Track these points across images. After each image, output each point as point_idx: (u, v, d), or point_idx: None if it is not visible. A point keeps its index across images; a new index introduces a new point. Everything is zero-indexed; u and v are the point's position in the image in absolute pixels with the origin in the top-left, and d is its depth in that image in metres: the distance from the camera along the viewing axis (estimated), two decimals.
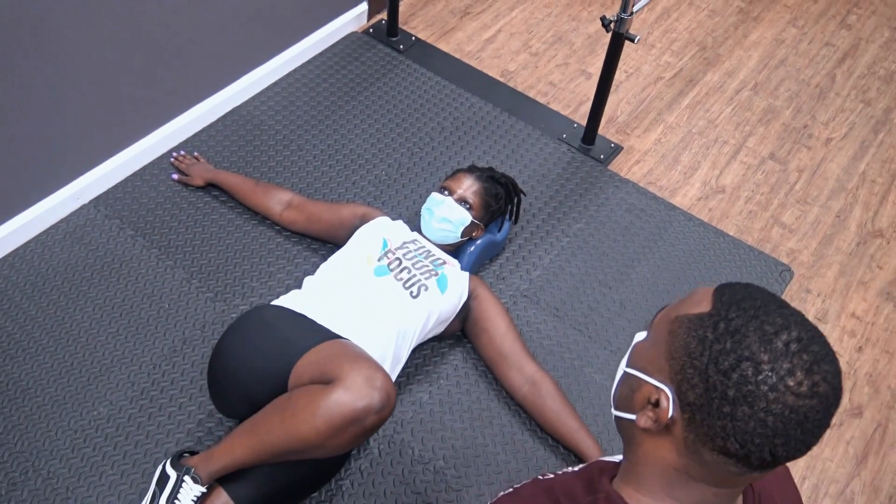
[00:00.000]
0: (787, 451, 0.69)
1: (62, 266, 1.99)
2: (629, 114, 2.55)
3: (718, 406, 0.69)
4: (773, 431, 0.68)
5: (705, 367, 0.70)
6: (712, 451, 0.71)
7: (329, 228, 1.97)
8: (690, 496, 0.76)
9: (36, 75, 1.82)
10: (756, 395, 0.67)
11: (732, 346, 0.69)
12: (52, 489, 1.60)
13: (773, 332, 0.69)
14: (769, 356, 0.68)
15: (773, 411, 0.67)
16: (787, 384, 0.67)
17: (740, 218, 2.27)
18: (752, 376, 0.68)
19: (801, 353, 0.68)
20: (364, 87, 2.53)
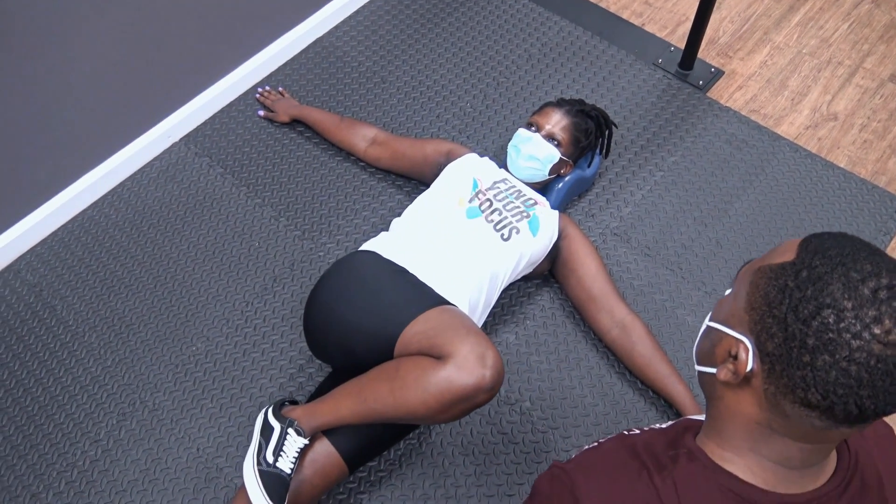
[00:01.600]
0: (875, 403, 0.65)
1: (157, 204, 2.05)
2: (732, 34, 2.37)
3: (798, 355, 0.66)
4: (857, 382, 0.64)
5: (784, 315, 0.67)
6: (793, 403, 0.68)
7: (414, 165, 1.94)
8: (773, 450, 0.74)
9: (123, 19, 1.83)
10: (838, 343, 0.64)
11: (813, 294, 0.66)
12: (158, 420, 1.69)
13: (860, 279, 0.65)
14: (853, 303, 0.64)
15: (856, 360, 0.63)
16: (874, 332, 0.63)
17: (853, 148, 2.10)
18: (833, 324, 0.64)
19: (891, 300, 0.64)
20: (448, 12, 2.44)
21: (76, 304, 1.87)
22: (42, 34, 1.70)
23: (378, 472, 1.61)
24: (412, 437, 1.64)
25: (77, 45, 1.78)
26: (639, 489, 0.75)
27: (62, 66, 1.78)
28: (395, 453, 1.63)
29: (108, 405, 1.72)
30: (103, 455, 1.65)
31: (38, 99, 1.78)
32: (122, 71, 1.92)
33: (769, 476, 0.74)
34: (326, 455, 1.41)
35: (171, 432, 1.68)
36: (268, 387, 1.73)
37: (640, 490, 0.75)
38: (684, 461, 0.77)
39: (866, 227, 1.93)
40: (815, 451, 0.73)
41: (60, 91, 1.81)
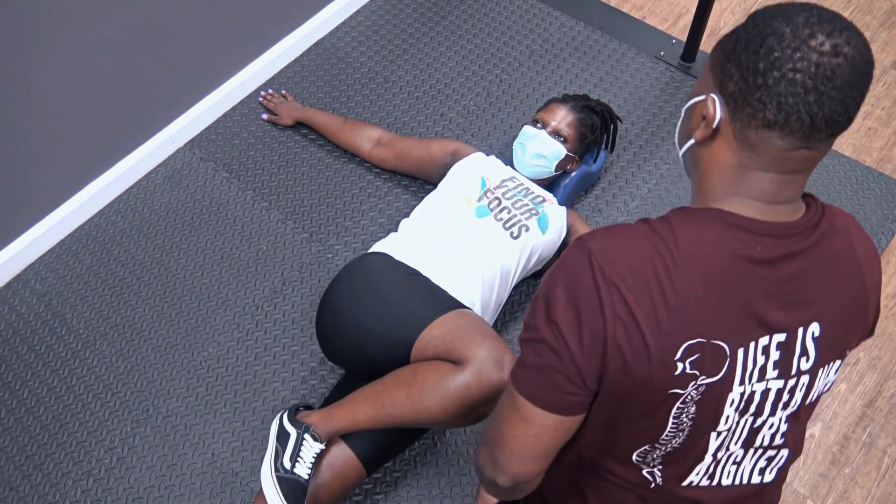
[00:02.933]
0: (821, 108, 0.74)
1: (164, 210, 2.05)
2: (734, 24, 2.36)
3: (752, 81, 0.76)
4: (803, 87, 0.74)
5: (738, 55, 0.78)
6: (757, 129, 0.78)
7: (419, 165, 1.94)
8: (752, 187, 0.82)
9: (125, 26, 1.83)
10: (782, 58, 0.74)
11: (758, 31, 0.77)
12: (171, 426, 1.70)
13: (795, 12, 0.76)
14: (791, 27, 0.75)
15: (798, 69, 0.74)
16: (810, 44, 0.74)
17: (857, 136, 2.10)
18: (776, 45, 0.75)
19: (821, 22, 0.74)
20: (448, 10, 2.44)
21: (86, 312, 1.87)
22: (45, 44, 1.70)
23: (394, 472, 1.61)
24: (427, 437, 1.64)
25: (79, 55, 1.78)
26: (638, 229, 0.85)
27: (65, 76, 1.78)
28: (410, 453, 1.63)
29: (121, 413, 1.72)
30: (118, 463, 1.66)
31: (42, 109, 1.78)
32: (125, 78, 1.91)
33: (752, 210, 0.82)
34: (344, 458, 1.41)
35: (185, 438, 1.68)
36: (280, 390, 1.73)
37: (639, 229, 0.84)
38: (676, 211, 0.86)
39: (873, 214, 1.93)
40: (786, 183, 0.81)
41: (64, 100, 1.81)
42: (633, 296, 0.80)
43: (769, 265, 0.82)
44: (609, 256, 0.81)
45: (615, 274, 0.80)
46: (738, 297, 0.82)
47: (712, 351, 0.82)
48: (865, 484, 1.58)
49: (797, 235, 0.83)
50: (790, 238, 0.83)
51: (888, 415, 1.66)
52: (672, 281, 0.80)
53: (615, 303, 0.80)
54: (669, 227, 0.83)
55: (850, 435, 1.64)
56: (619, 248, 0.82)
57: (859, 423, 1.65)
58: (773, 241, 0.82)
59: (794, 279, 0.83)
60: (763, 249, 0.82)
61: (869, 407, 1.67)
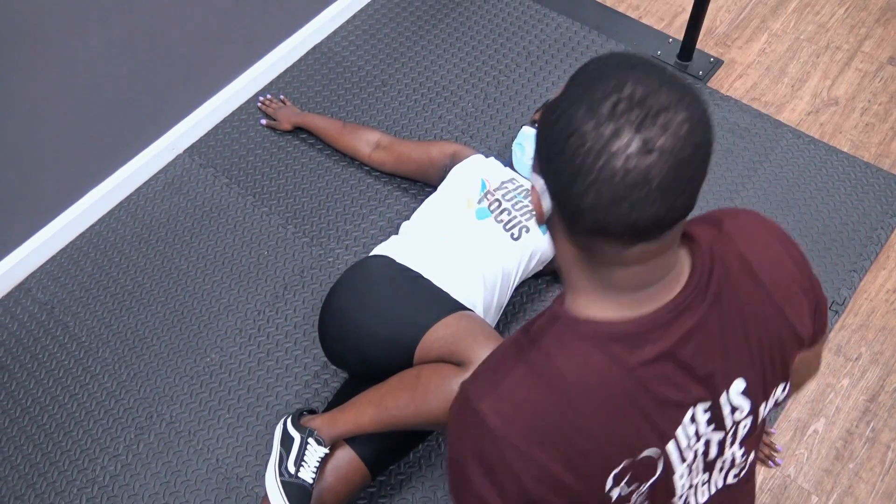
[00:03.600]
0: (641, 214, 0.64)
1: (164, 216, 2.05)
2: (729, 23, 2.37)
3: (562, 188, 0.66)
4: (614, 199, 0.63)
5: (547, 153, 0.68)
6: (579, 233, 0.69)
7: (419, 168, 1.94)
8: (608, 280, 0.73)
9: (123, 33, 1.83)
10: (584, 168, 0.64)
11: (563, 125, 0.65)
12: (175, 432, 1.70)
13: (602, 96, 0.64)
14: (593, 123, 0.63)
15: (604, 179, 0.63)
16: (612, 149, 0.62)
17: (855, 132, 2.11)
18: (578, 149, 0.64)
19: (629, 111, 0.63)
20: (445, 13, 2.44)
21: (88, 319, 1.88)
22: (43, 53, 1.70)
23: (398, 474, 1.61)
24: (431, 439, 1.64)
25: (77, 63, 1.78)
26: (518, 371, 0.76)
27: (64, 84, 1.78)
28: (415, 455, 1.63)
29: (125, 420, 1.72)
30: (123, 470, 1.66)
31: (42, 118, 1.78)
32: (124, 85, 1.92)
33: (622, 306, 0.73)
34: (349, 462, 1.41)
35: (189, 444, 1.68)
36: (284, 395, 1.73)
37: (520, 371, 0.76)
38: (548, 327, 0.77)
39: (872, 209, 1.93)
40: (645, 271, 0.71)
41: (63, 109, 1.81)
42: (544, 452, 0.74)
43: (667, 357, 0.74)
44: (504, 417, 0.74)
45: (518, 436, 0.74)
46: (647, 403, 0.75)
47: (642, 462, 0.78)
48: (870, 479, 1.58)
49: (686, 312, 0.74)
50: (679, 318, 0.74)
51: (891, 409, 1.66)
52: (575, 423, 0.74)
53: (529, 467, 0.74)
54: (550, 361, 0.75)
55: (853, 430, 1.64)
56: (510, 405, 0.75)
57: (862, 419, 1.65)
58: (661, 332, 0.74)
59: (698, 354, 0.76)
60: (653, 347, 0.74)
61: (872, 402, 1.67)
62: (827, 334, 0.92)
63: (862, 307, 1.80)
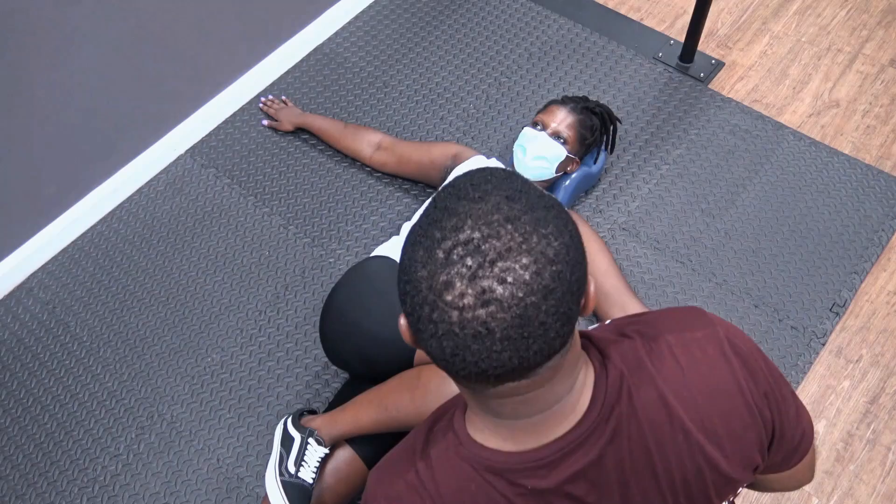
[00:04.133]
0: (491, 363, 0.60)
1: (166, 217, 2.05)
2: (731, 25, 2.37)
3: (414, 332, 0.63)
4: (454, 350, 0.60)
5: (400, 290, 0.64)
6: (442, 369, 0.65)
7: (420, 169, 1.94)
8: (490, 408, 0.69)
9: (124, 33, 1.83)
10: (422, 317, 0.60)
11: (404, 267, 0.62)
12: (176, 432, 1.70)
13: (440, 238, 0.59)
14: (428, 271, 0.59)
15: (442, 332, 0.59)
16: (445, 300, 0.58)
17: (857, 134, 2.11)
18: (414, 297, 0.60)
19: (464, 258, 0.58)
20: (447, 14, 2.45)
21: (89, 319, 1.88)
22: (44, 53, 1.70)
23: None
24: None
25: (80, 64, 1.78)
26: (408, 478, 0.75)
27: (65, 85, 1.79)
28: None
29: (126, 420, 1.73)
30: (124, 469, 1.66)
31: (44, 118, 1.79)
32: (126, 86, 1.92)
33: (508, 434, 0.70)
34: (349, 462, 1.41)
35: (190, 444, 1.68)
36: (285, 395, 1.73)
37: (409, 478, 0.75)
38: (440, 438, 0.75)
39: (873, 212, 1.93)
40: (526, 402, 0.66)
41: (66, 109, 1.82)
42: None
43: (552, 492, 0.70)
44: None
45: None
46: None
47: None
48: (870, 480, 1.58)
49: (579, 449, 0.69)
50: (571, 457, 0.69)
51: (892, 411, 1.66)
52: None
53: None
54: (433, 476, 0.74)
55: (854, 432, 1.64)
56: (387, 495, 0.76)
57: (863, 420, 1.65)
58: (546, 470, 0.69)
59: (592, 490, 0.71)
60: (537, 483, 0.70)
61: (872, 404, 1.67)
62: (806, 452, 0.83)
63: (863, 309, 1.80)
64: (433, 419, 0.80)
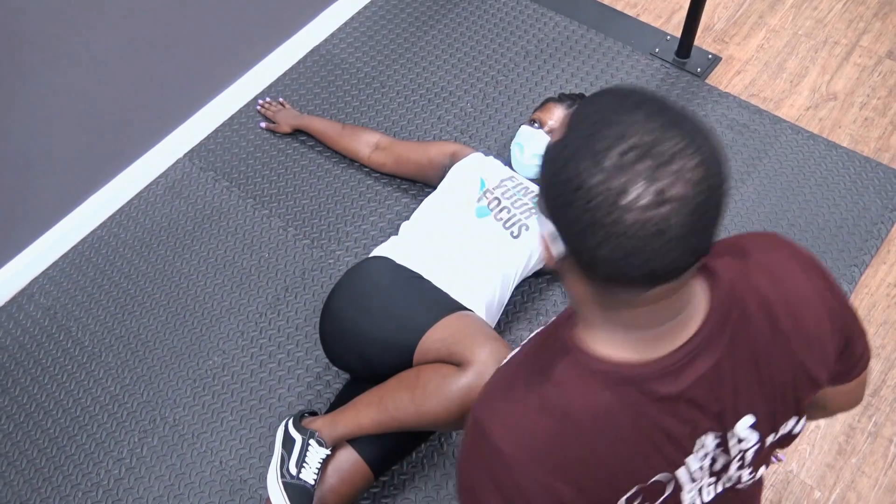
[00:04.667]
0: (659, 262, 0.63)
1: (165, 221, 2.06)
2: (727, 20, 2.37)
3: (574, 239, 0.65)
4: (627, 252, 0.62)
5: (552, 203, 0.66)
6: (598, 279, 0.67)
7: (418, 168, 1.94)
8: (622, 319, 0.72)
9: (121, 38, 1.84)
10: (596, 224, 0.62)
11: (566, 178, 0.63)
12: (179, 435, 1.70)
13: (606, 147, 0.61)
14: (600, 178, 0.61)
15: (617, 233, 0.61)
16: (622, 203, 0.60)
17: (855, 126, 2.10)
18: (586, 205, 0.62)
19: (638, 161, 0.60)
20: (443, 14, 2.45)
21: (91, 324, 1.88)
22: (42, 59, 1.71)
23: (401, 474, 1.61)
24: (434, 439, 1.65)
25: (77, 69, 1.79)
26: (530, 402, 0.75)
27: (63, 91, 1.79)
28: (417, 455, 1.63)
29: (128, 423, 1.73)
30: (127, 473, 1.66)
31: (42, 124, 1.79)
32: (123, 90, 1.93)
33: (637, 346, 0.73)
34: (351, 463, 1.42)
35: (192, 447, 1.69)
36: (286, 396, 1.73)
37: (532, 402, 0.75)
38: (560, 359, 0.76)
39: (872, 204, 1.93)
40: (660, 311, 0.70)
41: (63, 115, 1.82)
42: (558, 479, 0.74)
43: (678, 398, 0.74)
44: (518, 445, 0.74)
45: (531, 463, 0.74)
46: (658, 438, 0.75)
47: (652, 487, 0.78)
48: (872, 473, 1.58)
49: (700, 357, 0.73)
50: (694, 362, 0.73)
51: (893, 403, 1.66)
52: (586, 455, 0.74)
53: (544, 493, 0.74)
54: (562, 395, 0.74)
55: (855, 425, 1.64)
56: (523, 434, 0.75)
57: (864, 413, 1.65)
58: (672, 379, 0.73)
59: (710, 394, 0.75)
60: (666, 389, 0.73)
61: (874, 396, 1.67)
62: (865, 367, 0.90)
63: (863, 302, 1.80)
64: (531, 351, 0.81)
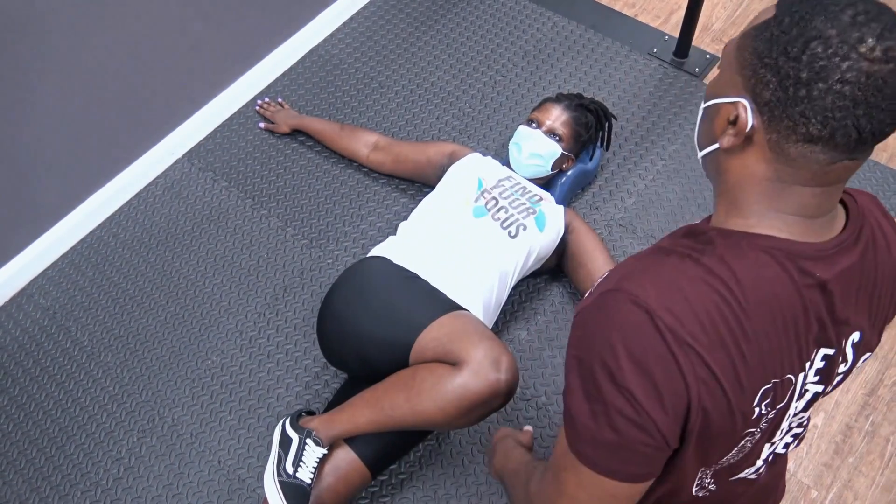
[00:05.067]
0: (870, 121, 0.69)
1: (164, 221, 2.06)
2: (725, 19, 2.37)
3: (794, 92, 0.70)
4: (852, 101, 0.68)
5: (776, 59, 0.71)
6: (797, 143, 0.72)
7: (417, 168, 1.95)
8: (790, 203, 0.77)
9: (120, 39, 1.84)
10: (829, 68, 0.68)
11: (799, 32, 0.69)
12: (177, 435, 1.71)
13: (839, 9, 0.69)
14: (837, 30, 0.68)
15: (847, 80, 0.67)
16: (859, 51, 0.67)
17: None
18: (822, 52, 0.68)
19: (869, 22, 0.67)
20: (441, 14, 2.45)
21: (90, 324, 1.89)
22: (42, 60, 1.71)
23: (399, 474, 1.62)
24: (431, 438, 1.65)
25: (76, 70, 1.79)
26: (690, 271, 0.76)
27: (62, 91, 1.79)
28: (415, 455, 1.64)
29: (127, 423, 1.74)
30: (126, 473, 1.67)
31: (41, 125, 1.80)
32: (122, 91, 1.93)
33: (796, 230, 0.78)
34: (348, 462, 1.42)
35: (191, 446, 1.69)
36: (285, 396, 1.74)
37: (692, 271, 0.76)
38: (720, 240, 0.79)
39: None
40: (826, 195, 0.76)
41: (62, 115, 1.83)
42: (711, 355, 0.74)
43: (823, 289, 0.78)
44: (675, 314, 0.74)
45: (688, 334, 0.74)
46: (801, 329, 0.79)
47: (782, 385, 0.81)
48: (869, 472, 1.58)
49: (846, 252, 0.79)
50: (841, 256, 0.79)
51: (890, 403, 1.66)
52: (744, 331, 0.75)
53: (695, 366, 0.74)
54: (727, 266, 0.76)
55: (852, 424, 1.64)
56: (682, 303, 0.75)
57: (861, 413, 1.65)
58: (825, 264, 0.78)
59: (844, 296, 0.80)
60: (819, 272, 0.78)
61: (871, 396, 1.67)
62: None
63: None
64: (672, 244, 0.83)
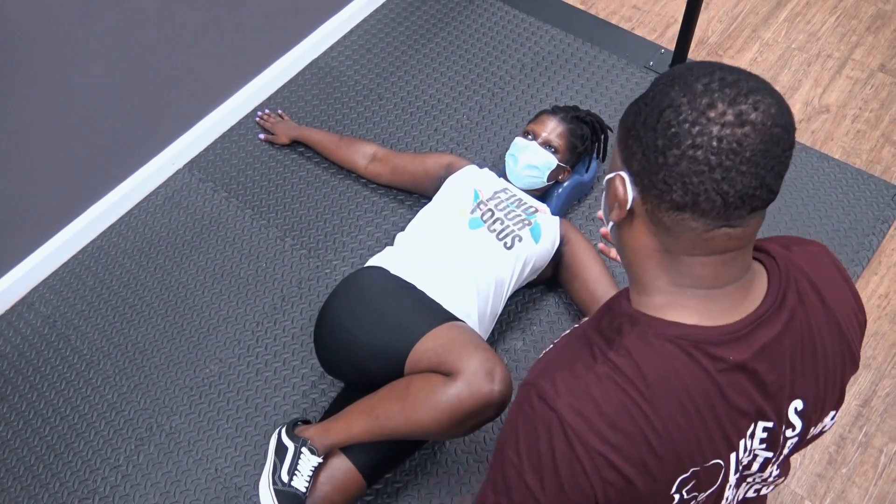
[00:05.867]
0: (732, 185, 0.68)
1: (164, 230, 2.08)
2: (721, 33, 2.40)
3: (654, 160, 0.71)
4: (706, 165, 0.68)
5: (638, 130, 0.73)
6: (668, 211, 0.72)
7: (414, 180, 1.97)
8: (684, 274, 0.76)
9: (122, 50, 1.87)
10: (680, 134, 0.69)
11: (656, 103, 0.71)
12: (175, 443, 1.72)
13: (694, 79, 0.70)
14: (688, 98, 0.69)
15: (699, 145, 0.68)
16: (709, 116, 0.68)
17: (847, 139, 2.13)
18: (673, 119, 0.69)
19: (722, 88, 0.68)
20: (439, 27, 2.48)
21: (90, 332, 1.91)
22: (45, 70, 1.74)
23: (394, 483, 1.63)
24: (427, 447, 1.66)
25: (78, 81, 1.82)
26: (599, 370, 0.76)
27: (64, 102, 1.82)
28: (411, 463, 1.65)
29: (125, 431, 1.75)
30: (123, 480, 1.68)
31: (42, 135, 1.82)
32: (124, 102, 1.95)
33: (703, 308, 0.76)
34: (344, 471, 1.43)
35: (188, 455, 1.70)
36: (282, 405, 1.75)
37: (601, 370, 0.76)
38: (627, 328, 0.78)
39: (864, 216, 1.95)
40: (721, 264, 0.74)
41: (64, 126, 1.85)
42: (618, 455, 0.74)
43: (743, 369, 0.77)
44: (582, 415, 0.74)
45: (594, 436, 0.74)
46: (722, 413, 0.77)
47: (706, 472, 0.79)
48: (863, 483, 1.59)
49: (765, 325, 0.77)
50: (759, 331, 0.77)
51: (884, 414, 1.67)
52: (653, 427, 0.75)
53: (600, 469, 0.74)
54: (633, 362, 0.75)
55: (846, 435, 1.65)
56: (590, 405, 0.75)
57: (855, 423, 1.66)
58: (740, 346, 0.76)
59: (773, 369, 0.78)
60: (733, 356, 0.76)
61: (864, 406, 1.68)
62: None
63: None
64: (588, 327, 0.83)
